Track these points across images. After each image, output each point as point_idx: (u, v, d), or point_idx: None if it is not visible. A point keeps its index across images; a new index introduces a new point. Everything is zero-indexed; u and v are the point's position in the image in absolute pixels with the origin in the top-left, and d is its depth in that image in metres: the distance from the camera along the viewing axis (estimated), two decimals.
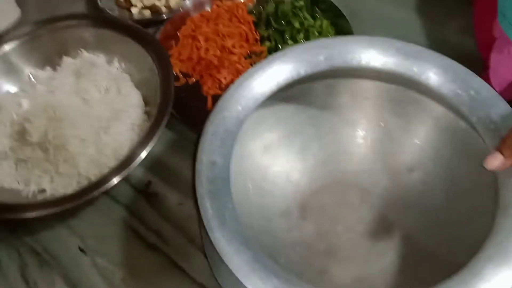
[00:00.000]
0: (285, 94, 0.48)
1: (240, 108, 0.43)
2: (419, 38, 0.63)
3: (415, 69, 0.44)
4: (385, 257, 0.46)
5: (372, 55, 0.46)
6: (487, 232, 0.37)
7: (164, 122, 0.50)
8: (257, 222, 0.47)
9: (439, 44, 0.61)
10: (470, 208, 0.44)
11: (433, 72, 0.44)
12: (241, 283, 0.34)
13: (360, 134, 0.51)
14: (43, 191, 0.51)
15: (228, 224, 0.37)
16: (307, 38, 0.60)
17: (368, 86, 0.49)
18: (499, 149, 0.36)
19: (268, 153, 0.49)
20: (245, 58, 0.60)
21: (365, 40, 0.47)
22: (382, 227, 0.48)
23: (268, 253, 0.45)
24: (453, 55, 0.45)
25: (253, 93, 0.44)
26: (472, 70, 0.44)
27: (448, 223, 0.45)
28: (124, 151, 0.51)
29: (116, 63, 0.58)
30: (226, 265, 0.35)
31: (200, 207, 0.37)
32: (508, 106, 0.41)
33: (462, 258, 0.37)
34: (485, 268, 0.34)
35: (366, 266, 0.46)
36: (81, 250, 0.50)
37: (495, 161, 0.36)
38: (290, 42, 0.60)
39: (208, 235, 0.36)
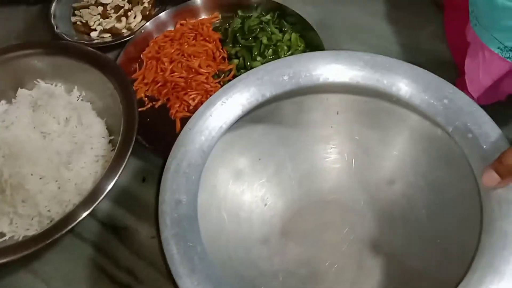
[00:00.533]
0: (252, 116, 0.46)
1: (203, 139, 0.41)
2: (392, 46, 0.61)
3: (384, 81, 0.43)
4: (372, 277, 0.44)
5: (339, 70, 0.44)
6: (474, 246, 0.35)
7: (129, 151, 0.47)
8: (236, 254, 0.44)
9: (412, 51, 0.60)
10: (455, 220, 0.42)
11: (404, 83, 0.42)
12: None
13: (334, 150, 0.49)
14: (2, 234, 0.47)
15: (197, 269, 0.34)
16: (276, 53, 0.58)
17: (338, 100, 0.47)
18: (495, 168, 0.35)
19: (241, 179, 0.47)
20: (213, 77, 0.58)
21: (331, 55, 0.45)
22: (366, 246, 0.45)
23: (250, 285, 0.42)
24: (427, 61, 0.43)
25: (216, 121, 0.42)
26: (447, 76, 0.42)
27: (434, 237, 0.43)
28: (88, 185, 0.48)
29: (76, 92, 0.55)
30: None
31: (165, 253, 0.34)
32: (483, 112, 0.40)
33: (451, 275, 0.35)
34: None
35: None
36: None
37: (492, 181, 0.35)
38: (258, 58, 0.58)
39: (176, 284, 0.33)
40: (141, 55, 0.61)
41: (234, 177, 0.46)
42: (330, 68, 0.44)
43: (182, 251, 0.34)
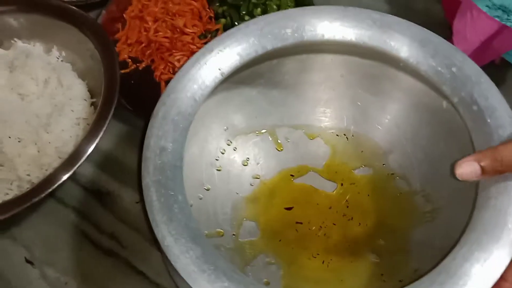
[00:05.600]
0: (253, 71, 0.44)
1: (196, 87, 0.39)
2: (384, 6, 0.59)
3: (392, 43, 0.40)
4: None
5: (345, 28, 0.41)
6: (465, 222, 0.33)
7: (111, 113, 0.45)
8: (222, 210, 0.43)
9: (405, 10, 0.58)
10: (449, 196, 0.41)
11: (413, 47, 0.40)
12: (189, 285, 0.30)
13: (334, 114, 0.48)
14: None
15: (176, 218, 0.33)
16: (265, 12, 0.55)
17: (342, 61, 0.45)
18: (478, 160, 0.32)
19: (235, 136, 0.46)
20: (200, 37, 0.55)
21: (338, 11, 0.42)
22: (357, 213, 0.44)
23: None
24: (420, 22, 0.41)
25: (211, 70, 0.40)
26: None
27: (426, 211, 0.42)
28: (69, 149, 0.46)
29: (55, 52, 0.52)
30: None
31: (145, 199, 0.33)
32: (492, 84, 0.37)
33: (440, 250, 0.34)
34: (462, 268, 0.30)
35: None
36: (28, 261, 0.45)
37: (466, 168, 0.32)
38: (247, 18, 0.55)
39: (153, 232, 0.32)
40: (124, 15, 0.58)
41: (228, 133, 0.45)
42: (336, 25, 0.41)
43: (162, 199, 0.33)
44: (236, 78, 0.42)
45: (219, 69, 0.40)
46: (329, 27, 0.41)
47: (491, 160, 0.32)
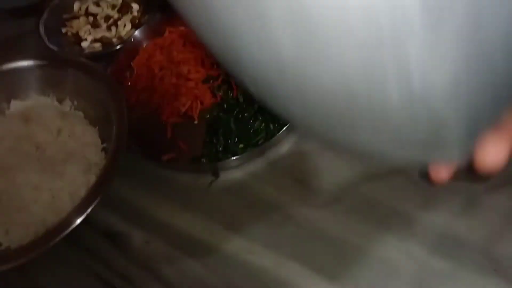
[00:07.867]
0: None
1: None
2: None
3: None
4: None
5: None
6: None
7: (121, 158, 0.47)
8: None
9: None
10: None
11: None
12: None
13: None
14: None
15: None
16: None
17: None
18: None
19: None
20: (203, 83, 0.58)
21: None
22: None
23: None
24: None
25: None
26: None
27: None
28: (82, 193, 0.49)
29: (67, 102, 0.56)
30: None
31: None
32: None
33: None
34: None
35: None
36: None
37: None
38: None
39: None
40: (132, 64, 0.61)
41: None
42: None
43: None
44: None
45: None
46: None
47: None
